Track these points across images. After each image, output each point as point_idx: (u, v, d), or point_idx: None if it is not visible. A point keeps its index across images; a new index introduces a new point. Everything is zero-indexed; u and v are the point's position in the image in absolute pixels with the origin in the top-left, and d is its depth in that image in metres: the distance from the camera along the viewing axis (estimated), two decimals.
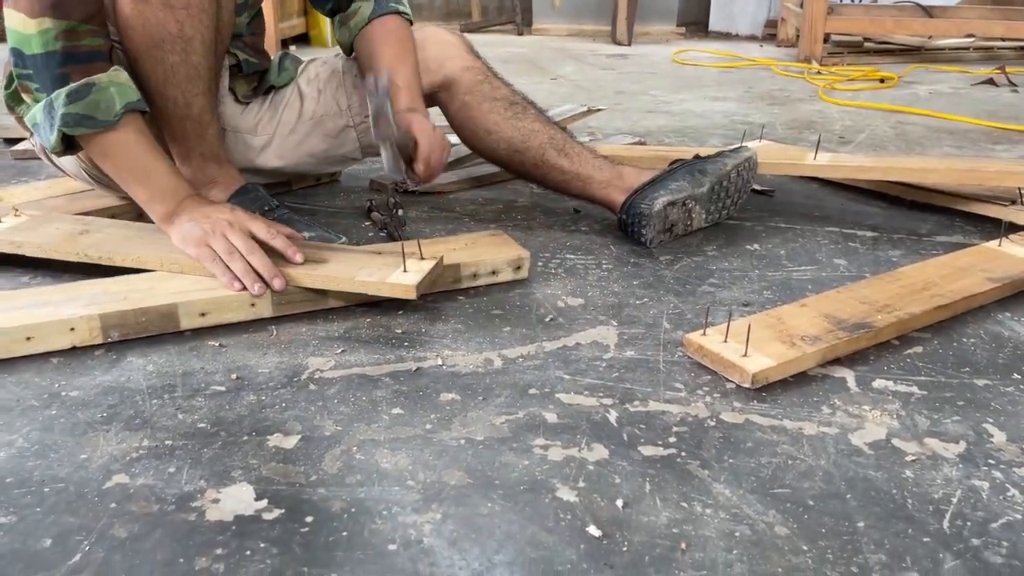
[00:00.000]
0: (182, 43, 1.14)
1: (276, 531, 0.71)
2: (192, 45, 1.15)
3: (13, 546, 0.69)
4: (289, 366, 0.98)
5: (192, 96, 1.19)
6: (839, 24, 3.70)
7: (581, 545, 0.70)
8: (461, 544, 0.70)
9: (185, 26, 1.13)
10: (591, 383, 0.96)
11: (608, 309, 1.15)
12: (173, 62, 1.15)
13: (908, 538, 0.72)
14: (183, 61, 1.15)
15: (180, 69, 1.15)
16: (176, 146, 1.24)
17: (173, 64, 1.15)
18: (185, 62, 1.15)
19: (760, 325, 1.03)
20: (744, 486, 0.78)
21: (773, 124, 2.38)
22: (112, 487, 0.76)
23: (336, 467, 0.80)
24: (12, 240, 1.18)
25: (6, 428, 0.85)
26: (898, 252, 1.38)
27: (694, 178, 1.37)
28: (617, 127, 2.35)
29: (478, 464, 0.81)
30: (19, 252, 1.17)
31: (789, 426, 0.88)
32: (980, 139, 2.23)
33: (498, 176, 1.73)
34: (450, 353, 1.02)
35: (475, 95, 1.41)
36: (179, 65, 1.15)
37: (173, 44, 1.13)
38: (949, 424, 0.89)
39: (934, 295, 1.12)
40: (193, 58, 1.16)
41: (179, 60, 1.15)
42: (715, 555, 0.69)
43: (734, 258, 1.34)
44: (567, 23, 4.94)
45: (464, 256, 1.20)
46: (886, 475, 0.80)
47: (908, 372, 0.99)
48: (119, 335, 1.02)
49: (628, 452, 0.83)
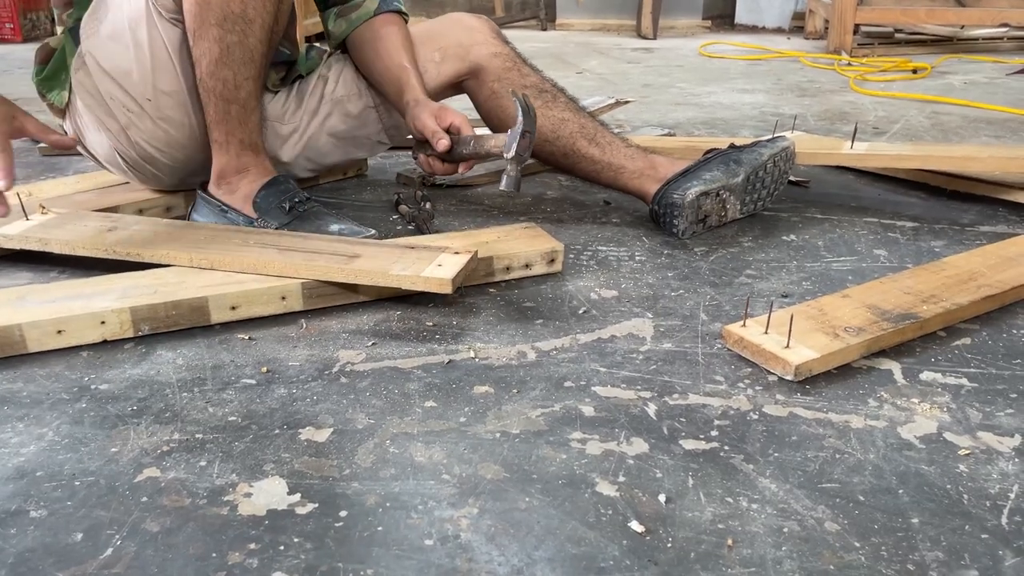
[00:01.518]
0: (243, 24, 1.14)
1: (310, 525, 0.70)
2: (252, 27, 1.15)
3: (44, 540, 0.68)
4: (320, 359, 0.97)
5: (243, 79, 1.18)
6: (870, 15, 3.64)
7: (624, 541, 0.68)
8: (499, 539, 0.68)
9: (248, 7, 1.13)
10: (628, 376, 0.93)
11: (643, 301, 1.12)
12: (231, 42, 1.15)
13: (965, 535, 0.69)
14: (240, 42, 1.15)
15: (236, 50, 1.16)
16: (217, 129, 1.23)
17: (231, 44, 1.15)
18: (242, 43, 1.15)
19: (801, 316, 1.00)
20: (791, 481, 0.75)
21: (804, 115, 2.34)
22: (143, 481, 0.75)
23: (369, 460, 0.78)
24: (40, 237, 1.17)
25: (36, 421, 0.84)
26: (940, 242, 1.34)
27: (729, 168, 1.34)
28: (645, 119, 2.31)
29: (515, 458, 0.79)
30: (46, 250, 1.17)
31: (835, 419, 0.85)
32: (1019, 128, 2.17)
33: (526, 168, 1.70)
34: (482, 346, 1.00)
35: (504, 82, 1.39)
36: (236, 46, 1.15)
37: (234, 23, 1.14)
38: (1002, 417, 0.85)
39: (981, 285, 1.08)
40: (251, 40, 1.16)
41: (237, 41, 1.15)
42: (764, 551, 0.67)
43: (771, 249, 1.31)
44: (591, 18, 4.90)
45: (497, 249, 1.18)
46: (939, 470, 0.77)
47: (957, 364, 0.96)
48: (149, 328, 1.01)
49: (669, 446, 0.80)
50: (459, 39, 1.40)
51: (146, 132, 1.28)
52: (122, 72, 1.23)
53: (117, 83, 1.24)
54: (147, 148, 1.30)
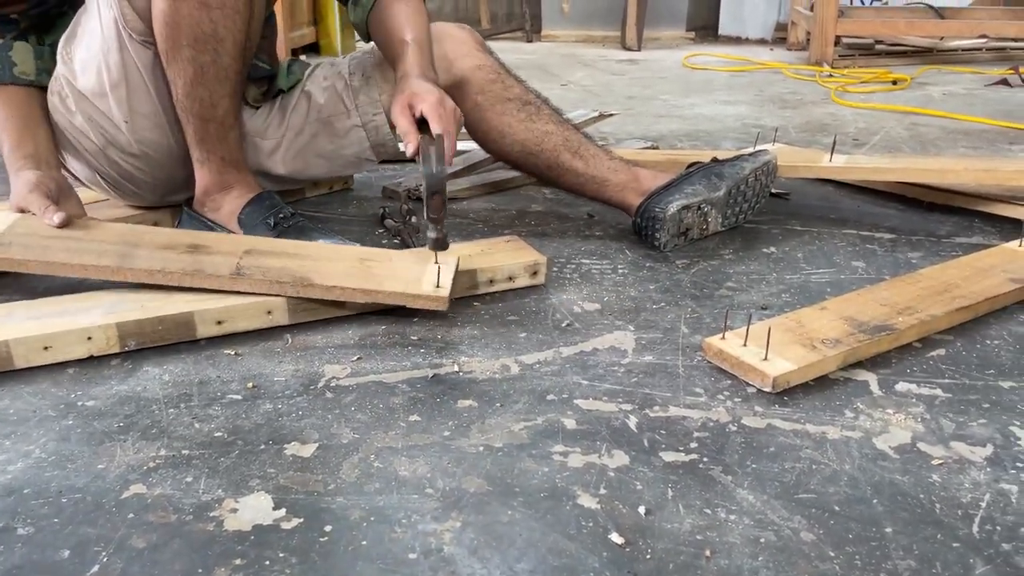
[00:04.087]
0: (215, 43, 1.14)
1: (295, 540, 0.71)
2: (224, 46, 1.15)
3: (32, 557, 0.68)
4: (305, 374, 0.98)
5: (219, 97, 1.19)
6: (850, 27, 3.68)
7: (604, 553, 0.69)
8: (482, 552, 0.69)
9: (219, 26, 1.13)
10: (610, 388, 0.95)
11: (625, 314, 1.14)
12: (204, 61, 1.15)
13: (937, 543, 0.70)
14: (214, 61, 1.15)
15: (210, 69, 1.16)
16: (197, 148, 1.24)
17: (204, 64, 1.15)
18: (216, 62, 1.16)
19: (780, 328, 1.01)
20: (768, 491, 0.77)
21: (786, 127, 2.37)
22: (130, 497, 0.76)
23: (354, 475, 0.79)
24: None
25: (23, 439, 0.85)
26: (917, 254, 1.36)
27: (710, 182, 1.36)
28: (629, 132, 2.34)
29: (497, 471, 0.80)
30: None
31: (812, 430, 0.87)
32: (996, 139, 2.21)
33: (511, 182, 1.72)
34: (467, 359, 1.01)
35: (488, 95, 1.39)
36: (209, 65, 1.16)
37: (206, 43, 1.14)
38: (975, 427, 0.87)
39: (956, 296, 1.10)
40: (224, 59, 1.16)
41: (210, 60, 1.15)
42: (741, 562, 0.68)
43: (751, 261, 1.33)
44: (576, 29, 4.94)
45: (481, 262, 1.19)
46: (913, 480, 0.79)
47: (931, 375, 0.98)
48: (136, 344, 1.02)
49: (649, 458, 0.82)
50: (443, 51, 1.39)
51: (125, 152, 1.29)
52: (98, 95, 1.24)
53: (95, 105, 1.25)
54: (127, 168, 1.30)
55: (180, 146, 1.27)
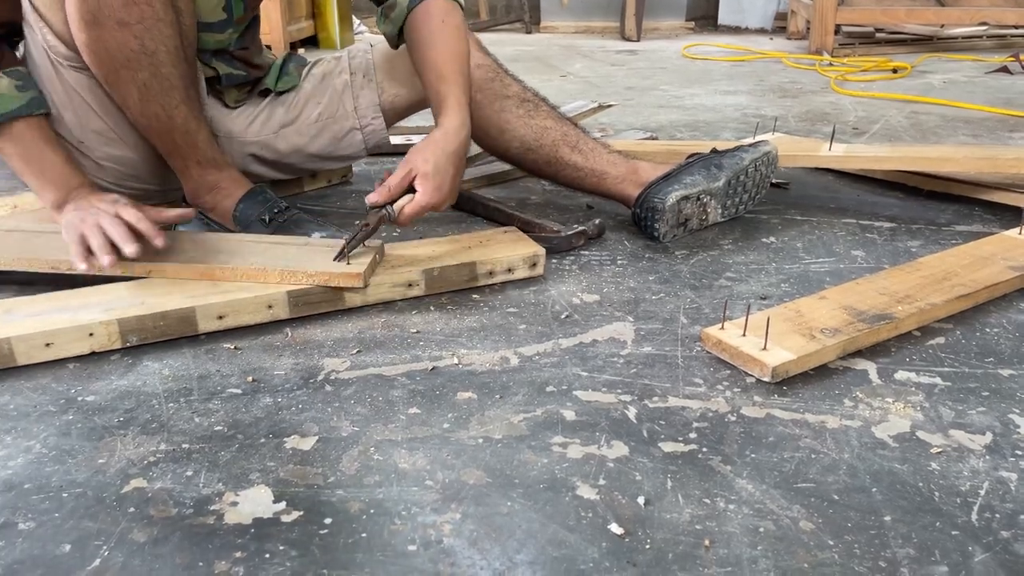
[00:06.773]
0: (147, 58, 1.11)
1: (295, 533, 0.71)
2: (158, 58, 1.12)
3: (32, 552, 0.69)
4: (305, 367, 0.98)
5: (173, 108, 1.17)
6: (850, 15, 3.67)
7: (603, 543, 0.69)
8: (482, 544, 0.69)
9: (145, 40, 1.10)
10: (609, 380, 0.95)
11: (624, 305, 1.14)
12: (144, 79, 1.13)
13: (936, 531, 0.70)
14: (153, 75, 1.13)
15: (153, 84, 1.14)
16: (171, 159, 1.24)
17: (145, 81, 1.13)
18: (156, 76, 1.13)
19: (779, 318, 1.01)
20: (767, 481, 0.77)
21: (786, 117, 2.36)
22: (130, 491, 0.76)
23: (354, 468, 0.79)
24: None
25: (24, 434, 0.85)
26: (917, 243, 1.36)
27: (709, 172, 1.36)
28: (629, 123, 2.33)
29: (497, 463, 0.80)
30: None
31: (811, 420, 0.87)
32: (996, 127, 2.21)
33: (510, 174, 1.72)
34: (466, 352, 1.01)
35: (486, 93, 1.39)
36: (151, 80, 1.13)
37: (138, 61, 1.11)
38: (974, 415, 0.87)
39: (955, 285, 1.10)
40: (163, 70, 1.13)
41: (149, 75, 1.13)
42: (740, 551, 0.68)
43: (750, 251, 1.33)
44: (575, 20, 4.92)
45: (480, 254, 1.19)
46: (912, 468, 0.79)
47: (931, 363, 0.98)
48: (137, 339, 1.02)
49: (648, 449, 0.82)
50: None
51: (94, 168, 1.27)
52: (54, 119, 1.22)
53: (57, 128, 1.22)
54: (102, 183, 1.28)
55: (146, 152, 1.26)
